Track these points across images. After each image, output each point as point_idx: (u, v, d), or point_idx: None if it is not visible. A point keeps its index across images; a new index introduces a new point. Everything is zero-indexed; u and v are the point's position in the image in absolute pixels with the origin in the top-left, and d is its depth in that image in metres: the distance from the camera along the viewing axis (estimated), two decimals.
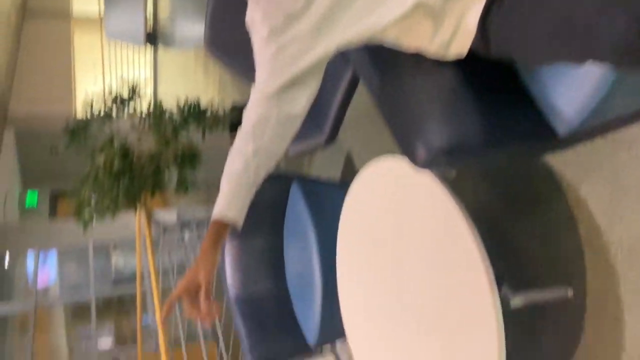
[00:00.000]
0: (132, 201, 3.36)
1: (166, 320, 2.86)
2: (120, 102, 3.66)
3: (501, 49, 0.99)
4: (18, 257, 8.31)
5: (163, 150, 3.46)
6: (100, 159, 3.28)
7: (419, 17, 1.01)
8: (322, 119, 1.81)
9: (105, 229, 3.96)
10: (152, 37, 7.19)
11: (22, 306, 7.16)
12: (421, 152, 1.19)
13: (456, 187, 1.38)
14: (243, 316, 2.29)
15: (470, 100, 1.18)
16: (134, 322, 5.51)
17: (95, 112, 3.59)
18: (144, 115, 3.63)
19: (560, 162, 1.65)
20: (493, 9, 0.95)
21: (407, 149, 1.21)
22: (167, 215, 4.67)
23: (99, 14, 8.76)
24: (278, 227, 2.36)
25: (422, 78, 1.21)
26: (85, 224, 3.38)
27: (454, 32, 1.03)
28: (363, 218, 1.75)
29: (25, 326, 6.59)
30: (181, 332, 3.74)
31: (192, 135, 3.62)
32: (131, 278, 6.61)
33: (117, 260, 7.95)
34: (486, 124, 1.13)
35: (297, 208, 2.20)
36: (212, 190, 5.65)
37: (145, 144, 3.49)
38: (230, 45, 1.96)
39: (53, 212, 11.27)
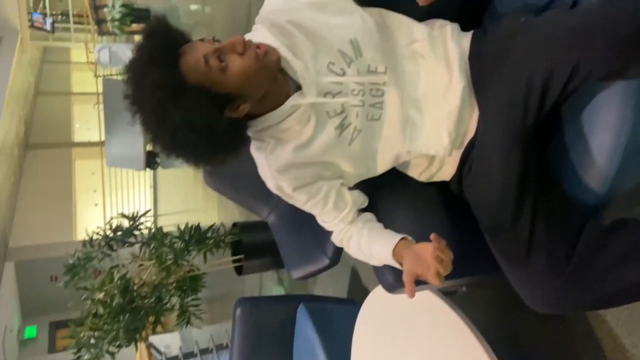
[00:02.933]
0: (132, 337, 3.20)
1: None
2: (121, 232, 3.46)
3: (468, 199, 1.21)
4: None
5: (165, 278, 3.26)
6: (99, 295, 3.12)
7: (422, 158, 1.21)
8: (325, 242, 1.70)
9: None
10: (152, 160, 7.56)
11: None
12: (389, 277, 1.25)
13: (469, 301, 1.48)
14: None
15: (447, 227, 1.28)
16: None
17: (96, 246, 3.41)
18: (144, 242, 3.41)
19: None
20: (464, 169, 1.19)
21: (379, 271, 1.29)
22: (169, 340, 4.34)
23: (100, 139, 8.68)
24: (287, 353, 2.24)
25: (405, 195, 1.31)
26: None
27: (437, 170, 1.24)
28: (376, 339, 1.69)
29: None
30: None
31: (194, 258, 3.43)
32: None
33: None
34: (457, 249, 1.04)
35: (306, 332, 2.11)
36: (215, 309, 4.79)
37: (147, 272, 3.27)
38: (228, 177, 2.08)
39: (52, 343, 11.04)
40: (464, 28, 1.20)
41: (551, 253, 1.04)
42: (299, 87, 1.08)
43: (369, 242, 1.18)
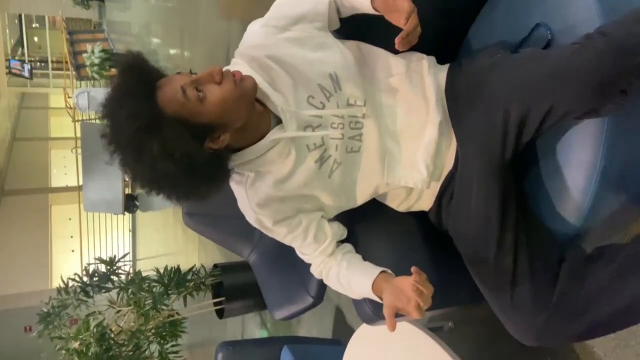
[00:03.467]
0: None
1: None
2: (97, 278, 3.35)
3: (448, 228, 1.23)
4: None
5: (143, 324, 3.17)
6: (75, 345, 3.01)
7: (400, 189, 1.21)
8: (308, 280, 1.63)
9: None
10: (131, 203, 7.50)
11: None
12: (367, 309, 1.24)
13: (456, 336, 1.48)
14: None
15: (426, 257, 1.27)
16: None
17: (71, 292, 3.29)
18: (122, 287, 3.33)
19: None
20: (443, 200, 1.20)
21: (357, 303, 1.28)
22: None
23: (78, 184, 8.63)
24: None
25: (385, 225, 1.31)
26: None
27: (416, 201, 1.25)
28: None
29: None
30: None
31: (173, 302, 3.36)
32: None
33: None
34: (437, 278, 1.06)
35: None
36: (196, 355, 4.70)
37: (124, 318, 3.20)
38: (208, 217, 2.03)
39: None
40: (440, 61, 1.22)
41: (535, 287, 1.04)
42: (279, 121, 1.08)
43: (348, 275, 1.17)
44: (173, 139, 0.94)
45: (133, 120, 0.92)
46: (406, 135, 1.15)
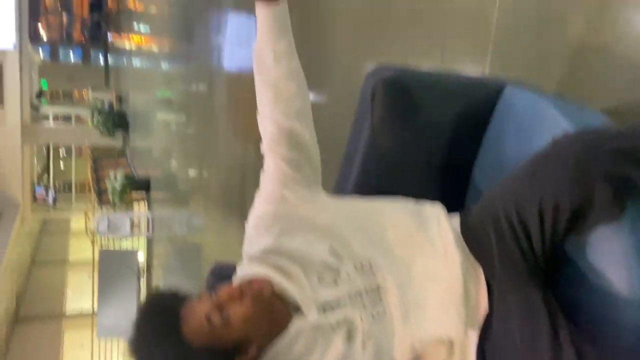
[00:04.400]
0: None
1: None
2: None
3: None
4: None
5: None
6: None
7: (439, 345, 1.12)
8: None
9: None
10: None
11: None
12: None
13: None
14: None
15: None
16: None
17: None
18: None
19: None
20: (485, 346, 1.09)
21: None
22: None
23: (92, 308, 8.83)
24: None
25: None
26: None
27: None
28: None
29: None
30: None
31: None
32: None
33: None
34: None
35: None
36: None
37: None
38: None
39: None
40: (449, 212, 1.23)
41: None
42: (298, 307, 1.07)
43: None
44: None
45: None
46: (427, 283, 1.11)
